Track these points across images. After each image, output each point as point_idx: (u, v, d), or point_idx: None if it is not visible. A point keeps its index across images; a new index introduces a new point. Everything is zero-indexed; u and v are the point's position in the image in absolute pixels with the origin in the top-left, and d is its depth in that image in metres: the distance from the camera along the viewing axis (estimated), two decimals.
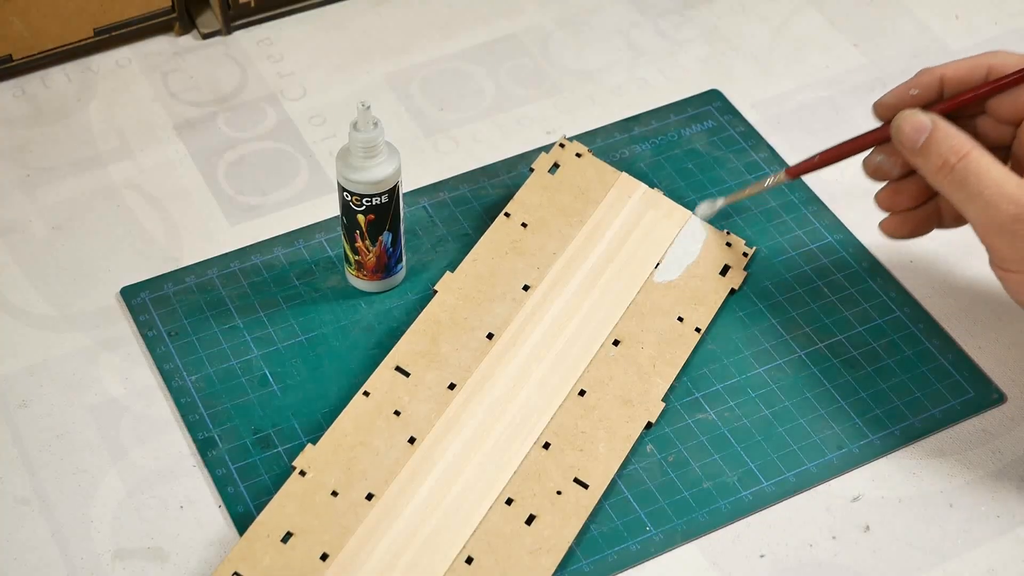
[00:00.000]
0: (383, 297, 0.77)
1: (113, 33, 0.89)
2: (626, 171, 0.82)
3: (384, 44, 0.92)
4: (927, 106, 0.70)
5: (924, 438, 0.73)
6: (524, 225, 0.79)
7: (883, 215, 0.74)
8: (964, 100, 0.70)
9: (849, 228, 0.81)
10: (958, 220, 0.73)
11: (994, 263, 0.69)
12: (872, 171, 0.73)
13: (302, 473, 0.68)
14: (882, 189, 0.73)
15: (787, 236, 0.81)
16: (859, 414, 0.73)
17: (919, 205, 0.73)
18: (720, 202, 0.79)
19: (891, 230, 0.74)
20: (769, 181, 0.77)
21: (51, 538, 0.68)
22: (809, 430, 0.72)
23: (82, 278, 0.78)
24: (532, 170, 0.81)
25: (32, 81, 0.88)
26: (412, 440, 0.70)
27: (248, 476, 0.70)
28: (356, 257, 0.75)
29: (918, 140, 0.68)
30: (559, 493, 0.69)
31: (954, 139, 0.67)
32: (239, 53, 0.90)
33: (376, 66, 0.90)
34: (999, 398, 0.74)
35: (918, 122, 0.68)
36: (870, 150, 0.73)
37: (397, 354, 0.73)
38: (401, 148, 0.82)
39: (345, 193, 0.72)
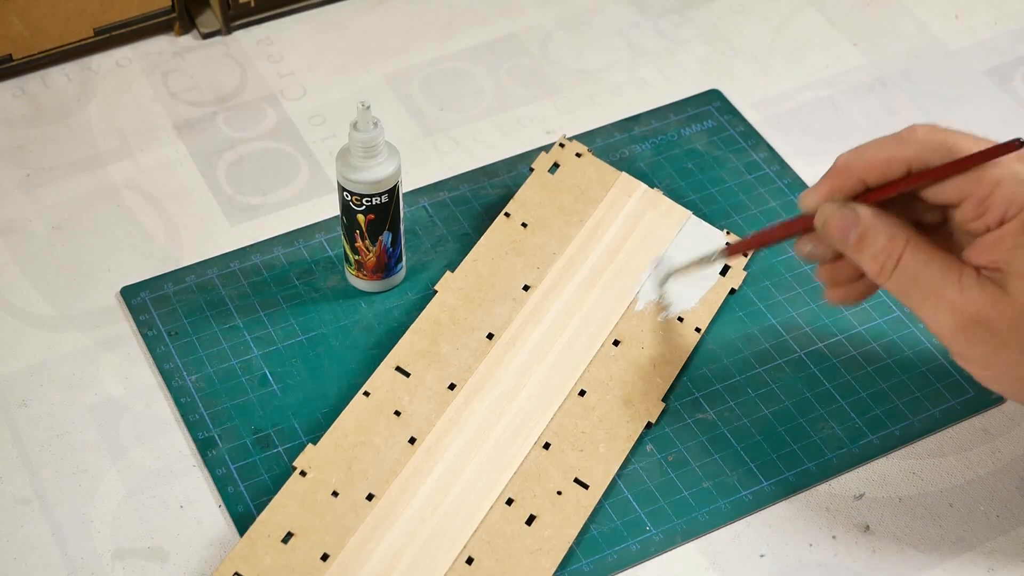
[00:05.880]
0: (383, 297, 0.77)
1: (113, 33, 0.89)
2: (626, 171, 0.82)
3: (384, 44, 0.92)
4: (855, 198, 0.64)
5: (924, 438, 0.73)
6: (524, 225, 0.79)
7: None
8: (888, 195, 0.63)
9: None
10: None
11: (956, 359, 0.63)
12: (805, 257, 0.67)
13: (303, 473, 0.68)
14: (819, 266, 0.68)
15: None
16: (859, 414, 0.73)
17: (863, 275, 0.66)
18: (664, 274, 0.76)
19: (839, 300, 0.68)
20: (715, 256, 0.74)
21: (51, 538, 0.68)
22: (809, 430, 0.72)
23: (82, 278, 0.78)
24: (532, 170, 0.81)
25: (32, 81, 0.88)
26: (412, 440, 0.70)
27: (248, 476, 0.70)
28: (356, 257, 0.75)
29: (848, 239, 0.63)
30: (559, 493, 0.69)
31: (883, 237, 0.62)
32: (239, 53, 0.90)
33: (376, 66, 0.90)
34: (999, 398, 0.74)
35: (845, 219, 0.63)
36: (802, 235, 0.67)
37: (397, 354, 0.73)
38: (401, 148, 0.82)
39: (345, 193, 0.72)
